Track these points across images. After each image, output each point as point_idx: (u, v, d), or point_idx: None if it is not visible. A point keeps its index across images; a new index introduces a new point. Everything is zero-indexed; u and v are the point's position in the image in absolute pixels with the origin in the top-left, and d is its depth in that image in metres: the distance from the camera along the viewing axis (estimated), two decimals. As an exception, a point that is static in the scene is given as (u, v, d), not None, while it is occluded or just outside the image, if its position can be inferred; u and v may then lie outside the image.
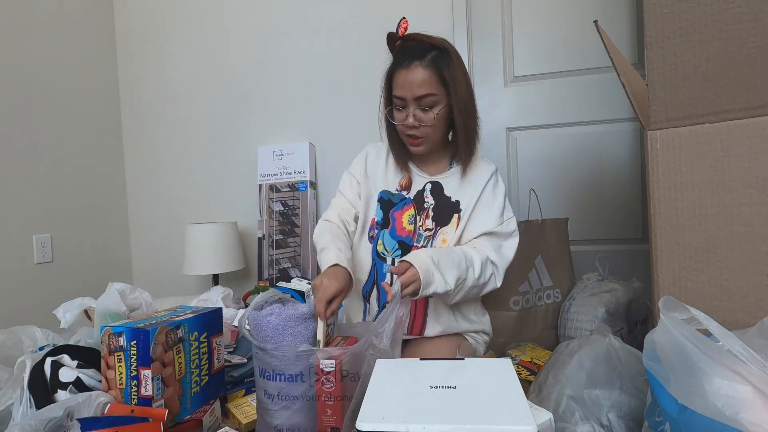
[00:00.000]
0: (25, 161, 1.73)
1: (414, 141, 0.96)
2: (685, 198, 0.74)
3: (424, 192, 1.00)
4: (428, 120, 0.92)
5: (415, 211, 1.00)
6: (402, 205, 1.01)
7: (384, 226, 1.01)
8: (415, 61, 0.89)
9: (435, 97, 0.91)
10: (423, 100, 0.91)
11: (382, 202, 1.02)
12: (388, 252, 1.00)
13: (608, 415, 0.74)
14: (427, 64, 0.89)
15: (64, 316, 1.15)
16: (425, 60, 0.89)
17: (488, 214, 0.97)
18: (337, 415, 0.75)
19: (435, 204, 0.99)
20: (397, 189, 1.02)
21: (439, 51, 0.91)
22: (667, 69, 0.74)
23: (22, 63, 1.72)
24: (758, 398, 0.49)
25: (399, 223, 1.00)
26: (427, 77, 0.89)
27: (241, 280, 2.03)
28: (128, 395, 0.74)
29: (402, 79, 0.91)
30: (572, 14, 1.71)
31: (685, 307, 0.60)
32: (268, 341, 0.80)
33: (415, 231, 0.99)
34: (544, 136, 1.77)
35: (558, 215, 1.66)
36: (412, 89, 0.90)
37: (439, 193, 1.00)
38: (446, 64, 0.90)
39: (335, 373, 0.75)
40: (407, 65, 0.90)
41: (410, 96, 0.91)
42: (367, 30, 1.85)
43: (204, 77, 2.08)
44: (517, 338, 1.33)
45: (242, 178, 2.05)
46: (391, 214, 1.01)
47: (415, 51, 0.90)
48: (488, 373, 0.66)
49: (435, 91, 0.90)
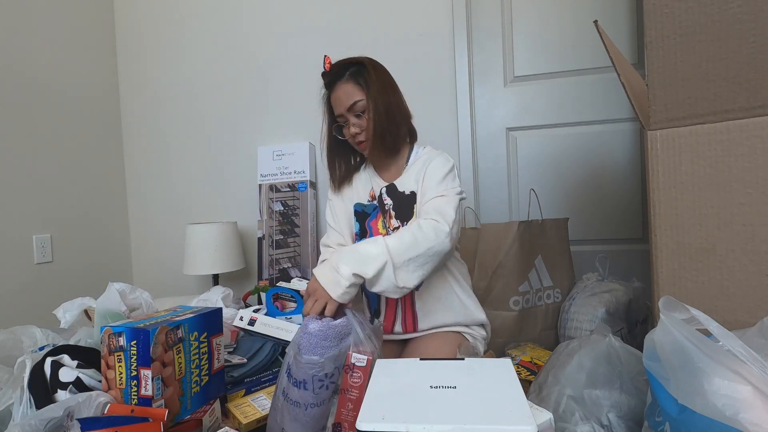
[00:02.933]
0: (25, 161, 1.72)
1: (362, 145, 1.05)
2: (685, 198, 0.74)
3: (382, 196, 1.07)
4: (364, 123, 1.02)
5: (382, 215, 1.07)
6: (375, 213, 1.08)
7: (362, 236, 1.07)
8: (337, 81, 1.03)
9: (362, 102, 1.01)
10: (354, 107, 1.02)
11: (357, 215, 1.10)
12: None
13: (608, 415, 0.74)
14: (346, 79, 1.02)
15: (64, 316, 1.14)
16: (345, 76, 1.02)
17: (430, 185, 1.00)
18: (357, 410, 0.75)
19: (393, 202, 1.06)
20: (369, 200, 1.10)
21: (355, 66, 1.03)
22: (667, 69, 0.74)
23: (22, 63, 1.72)
24: (758, 398, 0.49)
25: (375, 231, 1.06)
26: (350, 88, 1.02)
27: (241, 280, 2.03)
28: (128, 395, 0.74)
29: (334, 100, 1.04)
30: (572, 14, 1.71)
31: (685, 307, 0.60)
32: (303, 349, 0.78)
33: (387, 234, 1.02)
34: (543, 136, 1.77)
35: (558, 215, 1.67)
36: (343, 103, 1.02)
37: (393, 191, 1.06)
38: (361, 73, 1.02)
39: (365, 368, 0.75)
40: (333, 87, 1.04)
41: (344, 109, 1.02)
42: (367, 30, 1.85)
43: (204, 77, 2.08)
44: (517, 338, 1.33)
45: (242, 178, 2.05)
46: (367, 223, 1.08)
47: (336, 74, 1.03)
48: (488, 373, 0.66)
49: (360, 97, 1.01)
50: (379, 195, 1.08)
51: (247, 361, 1.05)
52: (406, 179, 1.06)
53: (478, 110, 1.83)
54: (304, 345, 0.77)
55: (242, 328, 1.17)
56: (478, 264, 1.38)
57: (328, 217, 1.16)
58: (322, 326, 0.78)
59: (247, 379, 1.02)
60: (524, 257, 1.36)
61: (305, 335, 0.77)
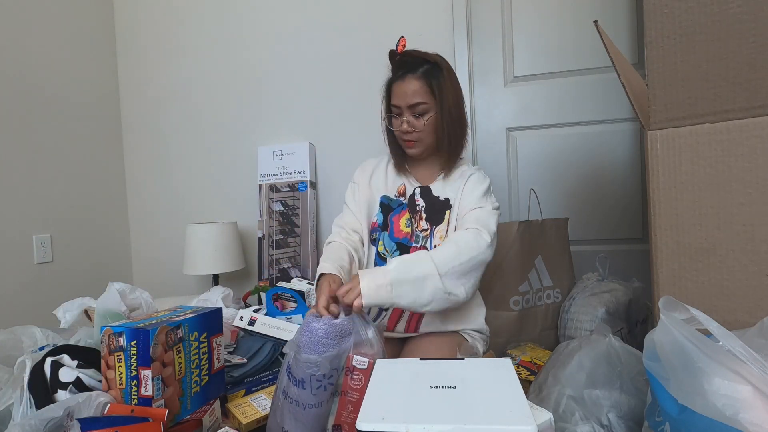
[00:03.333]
0: (25, 161, 1.72)
1: (409, 144, 1.05)
2: (685, 198, 0.74)
3: (415, 196, 1.07)
4: (419, 126, 1.02)
5: (409, 214, 1.07)
6: (399, 209, 1.08)
7: (384, 229, 1.07)
8: (409, 73, 1.00)
9: (425, 106, 1.00)
10: (415, 108, 1.00)
11: (382, 206, 1.09)
12: (388, 252, 1.05)
13: (608, 415, 0.74)
14: (419, 76, 0.99)
15: (64, 316, 1.15)
16: (418, 72, 0.99)
17: (470, 199, 1.02)
18: (356, 413, 0.75)
19: (426, 205, 1.06)
20: (395, 195, 1.09)
21: (431, 65, 1.01)
22: (667, 69, 0.74)
23: (22, 63, 1.72)
24: (758, 398, 0.49)
25: (396, 226, 1.06)
26: (418, 87, 0.99)
27: (241, 280, 2.03)
28: (128, 395, 0.74)
29: (398, 90, 1.01)
30: (572, 14, 1.71)
31: (685, 307, 0.60)
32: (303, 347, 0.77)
33: (412, 233, 1.05)
34: (544, 136, 1.77)
35: (558, 215, 1.66)
36: (406, 98, 1.00)
37: (428, 194, 1.07)
38: (436, 76, 1.00)
39: (366, 371, 0.75)
40: (402, 77, 1.01)
41: (404, 104, 1.01)
42: (367, 30, 1.85)
43: (204, 77, 2.08)
44: (517, 338, 1.34)
45: (242, 178, 2.04)
46: (390, 217, 1.08)
47: (409, 65, 1.01)
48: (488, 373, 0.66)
49: (425, 100, 1.00)
50: (411, 194, 1.08)
51: (247, 361, 1.05)
52: (442, 186, 1.07)
53: (478, 110, 1.83)
54: (305, 342, 0.76)
55: (242, 328, 1.17)
56: (478, 264, 1.38)
57: (349, 198, 1.13)
58: (324, 324, 0.77)
59: (247, 379, 1.02)
60: (524, 257, 1.36)
61: (306, 333, 0.77)
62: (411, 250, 1.03)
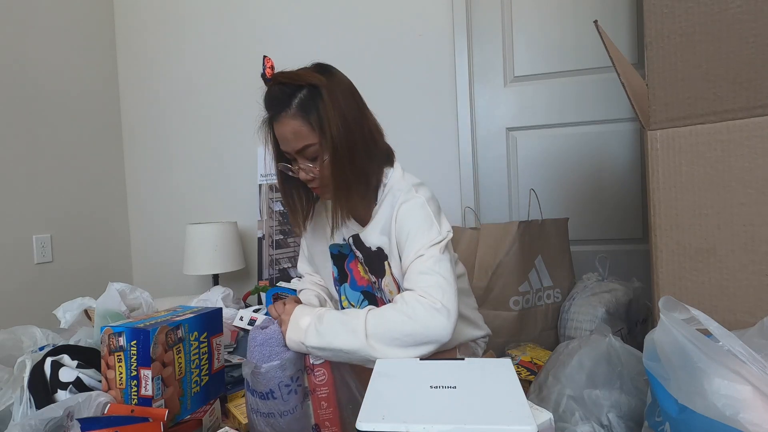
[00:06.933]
0: (25, 161, 1.72)
1: (318, 191, 0.86)
2: (685, 198, 0.74)
3: (351, 246, 0.90)
4: (316, 172, 0.81)
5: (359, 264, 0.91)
6: (352, 256, 0.91)
7: (343, 281, 0.93)
8: (282, 112, 0.79)
9: (314, 147, 0.80)
10: (304, 152, 0.81)
11: (333, 258, 0.94)
12: (354, 306, 0.92)
13: (608, 415, 0.74)
14: (294, 114, 0.78)
15: (64, 316, 1.15)
16: (291, 108, 0.79)
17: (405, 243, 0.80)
18: (332, 407, 0.75)
19: (363, 257, 0.88)
20: (343, 240, 0.91)
21: (306, 90, 0.79)
22: (667, 69, 0.74)
23: (22, 63, 1.72)
24: (758, 398, 0.49)
25: (356, 273, 0.91)
26: (297, 126, 0.78)
27: (241, 280, 2.03)
28: (128, 395, 0.74)
29: (278, 133, 0.82)
30: (572, 14, 1.71)
31: (685, 307, 0.60)
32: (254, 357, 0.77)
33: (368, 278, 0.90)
34: (544, 136, 1.77)
35: (558, 215, 1.66)
36: (289, 144, 0.81)
37: (360, 244, 0.88)
38: (314, 105, 0.78)
39: (325, 364, 0.76)
40: (277, 118, 0.81)
41: (291, 150, 0.81)
42: (367, 30, 1.85)
43: (204, 77, 2.08)
44: (517, 338, 1.33)
45: (242, 178, 2.04)
46: (347, 265, 0.92)
47: (280, 99, 0.80)
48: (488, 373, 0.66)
49: (311, 141, 0.79)
50: (350, 243, 0.90)
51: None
52: (370, 231, 0.86)
53: (478, 110, 1.82)
54: (257, 356, 0.75)
55: (242, 328, 1.17)
56: (478, 264, 1.38)
57: (303, 264, 1.02)
58: (271, 333, 0.76)
59: (247, 379, 1.02)
60: (524, 257, 1.36)
61: (257, 347, 0.76)
62: (378, 300, 0.88)
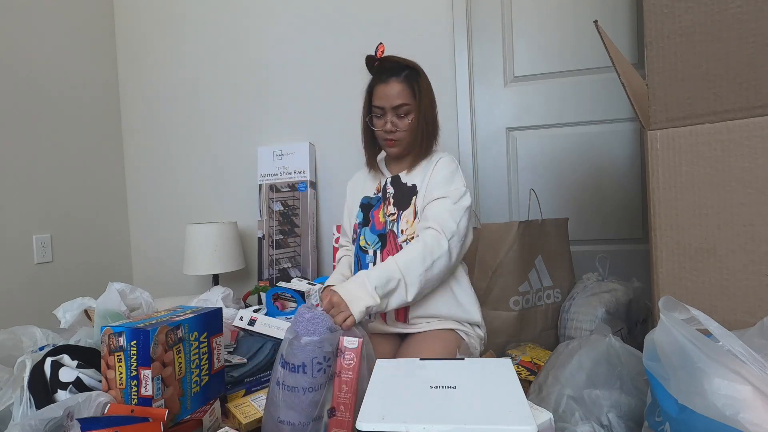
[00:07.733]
0: (25, 161, 1.72)
1: (389, 143, 1.11)
2: (685, 198, 0.74)
3: (387, 186, 1.14)
4: (403, 125, 1.09)
5: (383, 204, 1.14)
6: (378, 204, 1.15)
7: (365, 224, 1.15)
8: (393, 77, 1.07)
9: (408, 107, 1.08)
10: (399, 109, 1.07)
11: (362, 207, 1.17)
12: (370, 245, 1.11)
13: (608, 415, 0.74)
14: (402, 80, 1.07)
15: (64, 316, 1.15)
16: (401, 76, 1.07)
17: (435, 183, 1.08)
18: (351, 392, 0.78)
19: (394, 192, 1.13)
20: (375, 192, 1.17)
21: (411, 70, 1.09)
22: (667, 69, 0.74)
23: (22, 63, 1.72)
24: (758, 398, 0.49)
25: (377, 219, 1.13)
26: (402, 90, 1.07)
27: (241, 280, 2.03)
28: (128, 395, 0.74)
29: (381, 92, 1.08)
30: (572, 14, 1.71)
31: (685, 307, 0.60)
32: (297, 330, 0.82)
33: (385, 221, 1.12)
34: (543, 136, 1.77)
35: (558, 215, 1.67)
36: (390, 100, 1.07)
37: (397, 182, 1.14)
38: (416, 80, 1.09)
39: (357, 350, 0.79)
40: (386, 80, 1.07)
41: (388, 105, 1.07)
42: (367, 30, 1.85)
43: (204, 77, 2.08)
44: (517, 338, 1.33)
45: (242, 178, 2.04)
46: (371, 213, 1.15)
47: (392, 69, 1.08)
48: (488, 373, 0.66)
49: (408, 102, 1.07)
50: (384, 185, 1.15)
51: (247, 361, 1.05)
52: (412, 174, 1.13)
53: (478, 110, 1.82)
54: (302, 329, 0.81)
55: (242, 328, 1.17)
56: (478, 264, 1.38)
57: (344, 214, 1.25)
58: (319, 313, 0.84)
59: (247, 379, 1.03)
60: (524, 257, 1.36)
61: (303, 322, 0.82)
62: (388, 235, 1.10)
